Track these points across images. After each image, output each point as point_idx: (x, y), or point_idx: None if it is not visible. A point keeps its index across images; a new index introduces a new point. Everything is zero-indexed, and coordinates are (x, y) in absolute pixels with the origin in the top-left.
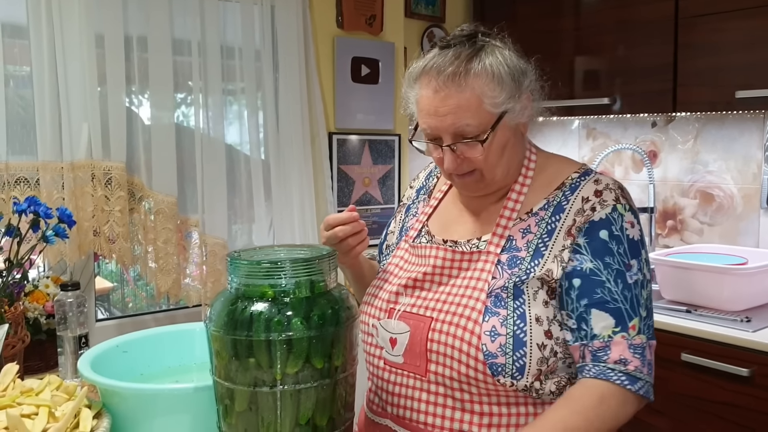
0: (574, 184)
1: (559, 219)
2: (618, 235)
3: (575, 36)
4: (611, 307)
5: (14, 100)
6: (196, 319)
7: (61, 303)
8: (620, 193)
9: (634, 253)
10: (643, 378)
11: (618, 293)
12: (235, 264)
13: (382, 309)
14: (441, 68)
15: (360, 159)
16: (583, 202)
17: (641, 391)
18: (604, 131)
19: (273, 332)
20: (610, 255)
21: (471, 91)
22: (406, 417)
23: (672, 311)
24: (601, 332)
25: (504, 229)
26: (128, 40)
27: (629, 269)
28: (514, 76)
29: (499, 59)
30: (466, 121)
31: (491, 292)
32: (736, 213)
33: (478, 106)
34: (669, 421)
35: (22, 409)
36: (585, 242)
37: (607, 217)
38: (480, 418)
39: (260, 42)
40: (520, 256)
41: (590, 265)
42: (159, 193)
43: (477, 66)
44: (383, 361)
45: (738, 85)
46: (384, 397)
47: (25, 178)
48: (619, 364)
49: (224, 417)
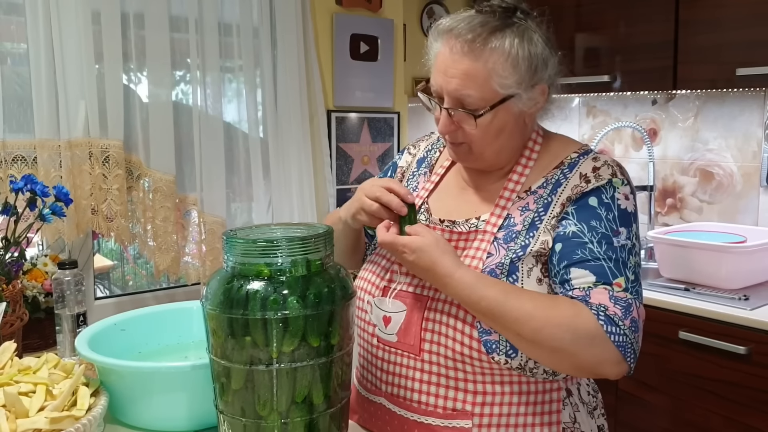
0: (573, 162)
1: (556, 193)
2: (608, 203)
3: (575, 13)
4: (592, 264)
5: (11, 77)
6: (196, 297)
7: (59, 281)
8: (618, 170)
9: (625, 222)
10: (623, 329)
11: (601, 253)
12: (230, 242)
13: (377, 286)
14: (463, 31)
15: (359, 137)
16: (580, 178)
17: (616, 340)
18: (604, 109)
19: (269, 311)
20: (597, 219)
21: (483, 64)
22: (400, 395)
23: (670, 289)
24: (580, 285)
25: (503, 209)
26: (125, 16)
27: (617, 234)
28: (531, 64)
29: (524, 42)
30: (469, 90)
31: (486, 268)
32: (735, 191)
33: (486, 80)
34: (667, 398)
35: (20, 387)
36: (573, 209)
37: (599, 188)
38: (474, 396)
39: (258, 19)
40: (516, 230)
41: (574, 228)
42: (157, 171)
43: (497, 41)
44: (376, 338)
45: (739, 62)
46: (378, 375)
47: (22, 156)
48: (600, 306)
49: (221, 395)
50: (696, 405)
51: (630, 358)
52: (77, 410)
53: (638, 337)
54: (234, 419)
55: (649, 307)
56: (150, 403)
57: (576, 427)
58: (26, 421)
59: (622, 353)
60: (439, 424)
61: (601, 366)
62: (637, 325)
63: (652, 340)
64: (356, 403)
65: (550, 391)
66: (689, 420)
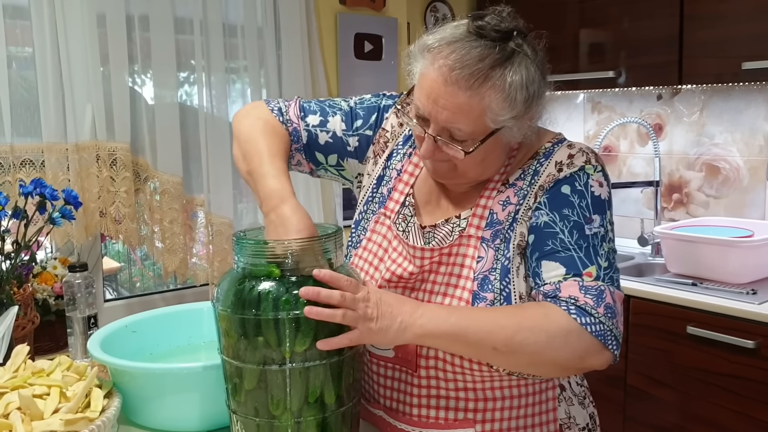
0: (548, 151)
1: (534, 184)
2: (581, 190)
3: (580, 8)
4: (561, 256)
5: (17, 81)
6: (204, 298)
7: (70, 284)
8: (593, 157)
9: (598, 210)
10: (597, 317)
11: (572, 243)
12: (241, 244)
13: None
14: (461, 64)
15: None
16: (555, 166)
17: (593, 330)
18: (609, 105)
19: (281, 311)
20: (569, 207)
21: (479, 100)
22: (399, 410)
23: (678, 284)
24: (550, 279)
25: (484, 209)
26: (130, 19)
27: (589, 222)
28: (527, 99)
29: (522, 79)
30: (460, 124)
31: (478, 275)
32: (742, 185)
33: (479, 116)
34: (675, 393)
35: (34, 390)
36: (546, 198)
37: (572, 175)
38: (475, 404)
39: (262, 19)
40: (501, 228)
41: (546, 218)
42: (164, 173)
43: (497, 79)
44: (368, 353)
45: (744, 56)
46: (375, 388)
47: (30, 160)
48: (569, 299)
49: (233, 395)
50: (704, 399)
51: (612, 345)
52: (91, 412)
53: (616, 322)
54: (247, 419)
55: (657, 302)
56: (162, 404)
57: (572, 422)
58: (41, 424)
59: (602, 341)
60: None
61: (584, 360)
62: (613, 310)
63: (660, 335)
64: None
65: (546, 390)
66: (698, 415)
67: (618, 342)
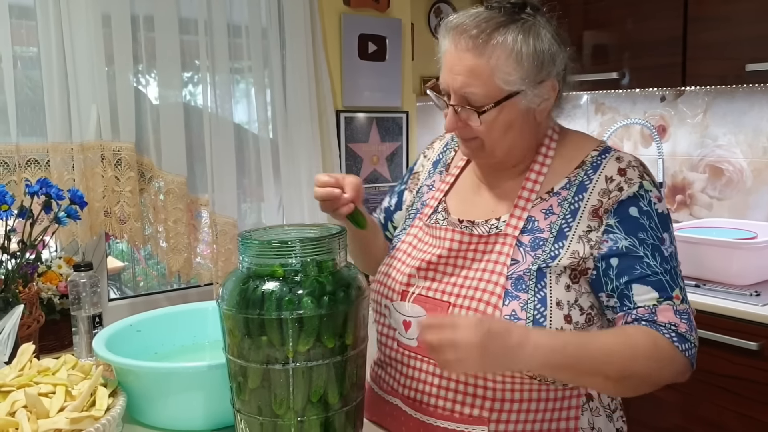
0: (596, 162)
1: (582, 198)
2: (648, 210)
3: (583, 10)
4: (652, 280)
5: (23, 81)
6: (209, 298)
7: (75, 283)
8: (643, 170)
9: (665, 227)
10: (692, 341)
11: (657, 266)
12: (246, 243)
13: (395, 290)
14: (468, 27)
15: (368, 137)
16: (607, 181)
17: (688, 354)
18: (612, 106)
19: (284, 311)
20: (643, 231)
21: (486, 60)
22: (417, 399)
23: None
24: (645, 303)
25: (523, 210)
26: (135, 19)
27: (663, 243)
28: (536, 59)
29: (529, 38)
30: (473, 88)
31: (513, 274)
32: (745, 187)
33: (489, 77)
34: (678, 394)
35: (40, 388)
36: (616, 222)
37: (635, 195)
38: (491, 403)
39: (267, 20)
40: (542, 237)
41: (625, 243)
42: (169, 173)
43: (500, 37)
44: (396, 342)
45: (748, 57)
46: (396, 377)
47: (35, 159)
48: (670, 326)
49: (238, 394)
50: (708, 401)
51: (695, 363)
52: (96, 410)
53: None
54: (251, 418)
55: None
56: (167, 403)
57: None
58: (47, 422)
59: (691, 362)
60: (455, 428)
61: (674, 379)
62: (696, 332)
63: None
64: (370, 401)
65: (569, 398)
66: (701, 416)
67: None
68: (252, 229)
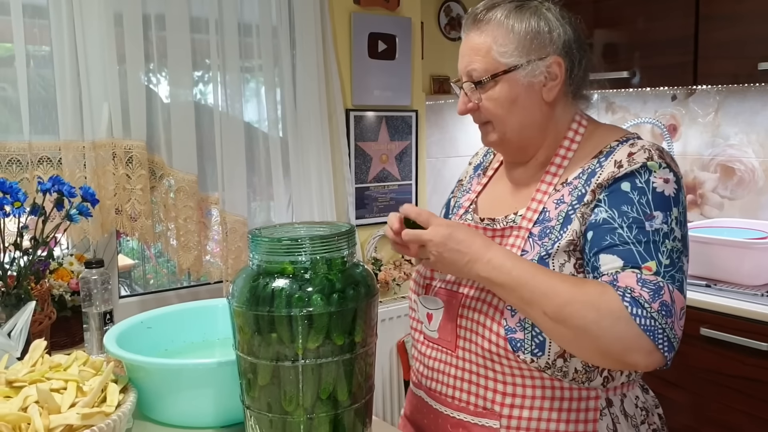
0: (611, 150)
1: (590, 183)
2: (642, 186)
3: (594, 9)
4: (620, 249)
5: (35, 80)
6: (218, 295)
7: (86, 280)
8: (657, 154)
9: (661, 206)
10: (649, 311)
11: (630, 237)
12: (256, 241)
13: (420, 285)
14: (477, 11)
15: (377, 135)
16: (615, 165)
17: (644, 326)
18: (623, 105)
19: (294, 308)
20: (628, 204)
21: (485, 36)
22: (437, 390)
23: (692, 286)
24: (608, 270)
25: (539, 203)
26: (146, 18)
27: (650, 218)
28: (531, 33)
29: (524, 13)
30: (474, 64)
31: None
32: (757, 187)
33: (488, 51)
34: (688, 395)
35: (51, 384)
36: (605, 196)
37: (633, 172)
38: (503, 397)
39: (277, 19)
40: (550, 225)
41: (605, 215)
42: (179, 171)
43: (497, 13)
44: (422, 335)
45: (760, 56)
46: (421, 369)
47: (47, 157)
48: (626, 289)
49: (247, 391)
50: (718, 402)
51: (663, 345)
52: (107, 406)
53: (671, 322)
54: (260, 414)
55: None
56: (177, 400)
57: None
58: (58, 417)
59: (652, 339)
60: (469, 420)
61: (628, 353)
62: (669, 309)
63: None
64: (409, 397)
65: (586, 399)
66: (711, 417)
67: (671, 345)
68: (262, 227)
